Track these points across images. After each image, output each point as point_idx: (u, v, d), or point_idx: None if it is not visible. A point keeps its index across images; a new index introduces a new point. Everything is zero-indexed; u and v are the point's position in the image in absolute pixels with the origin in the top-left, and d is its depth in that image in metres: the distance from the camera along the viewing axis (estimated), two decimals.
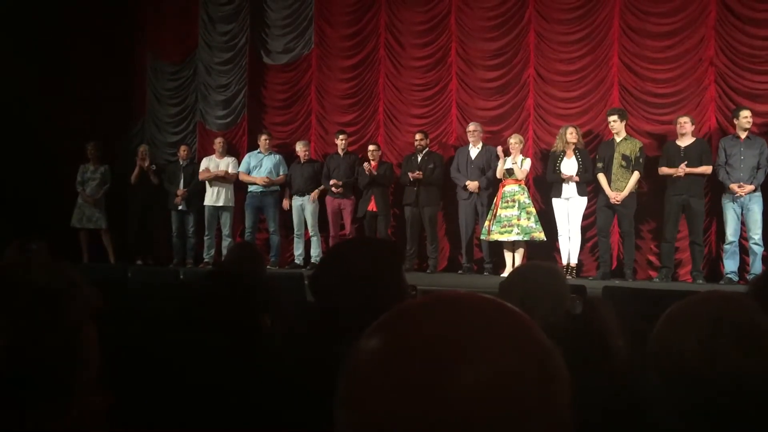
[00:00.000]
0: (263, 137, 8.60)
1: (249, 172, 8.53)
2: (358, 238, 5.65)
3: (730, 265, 6.51)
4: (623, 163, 6.90)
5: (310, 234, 8.33)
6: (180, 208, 8.74)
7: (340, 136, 8.32)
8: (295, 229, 8.40)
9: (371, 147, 8.16)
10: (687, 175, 6.64)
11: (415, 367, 0.58)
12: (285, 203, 8.51)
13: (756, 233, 6.40)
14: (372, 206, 8.04)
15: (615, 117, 6.97)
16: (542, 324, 2.24)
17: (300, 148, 8.46)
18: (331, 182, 8.11)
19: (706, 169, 6.68)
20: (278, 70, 9.27)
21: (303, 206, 8.34)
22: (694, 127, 6.81)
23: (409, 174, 7.77)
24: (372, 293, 1.57)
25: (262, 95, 9.35)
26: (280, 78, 9.27)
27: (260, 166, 8.51)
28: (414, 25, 8.60)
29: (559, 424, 0.61)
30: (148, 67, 9.80)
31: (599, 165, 7.02)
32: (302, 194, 8.33)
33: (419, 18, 8.57)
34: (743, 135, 6.57)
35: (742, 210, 6.51)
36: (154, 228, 9.06)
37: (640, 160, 6.89)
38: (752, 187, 6.44)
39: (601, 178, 6.99)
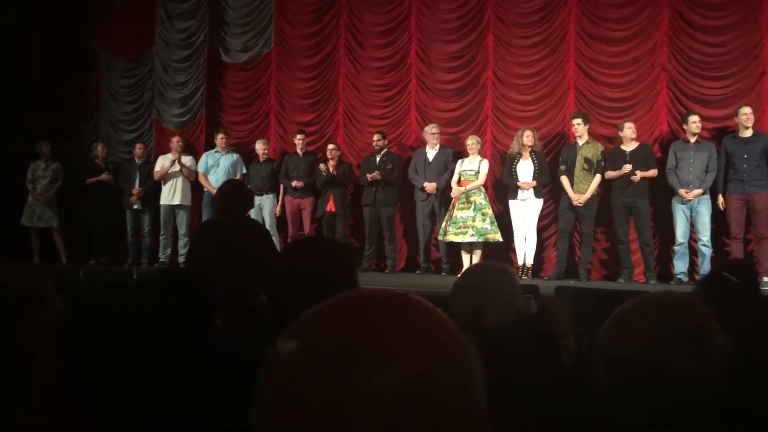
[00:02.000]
0: (220, 136, 8.51)
1: (207, 172, 8.43)
2: (313, 238, 5.61)
3: (680, 265, 6.67)
4: (585, 166, 7.01)
5: None
6: (135, 207, 8.60)
7: (299, 136, 8.29)
8: None
9: (330, 146, 8.15)
10: (632, 178, 6.79)
11: (332, 368, 0.58)
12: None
13: (704, 235, 6.58)
14: (331, 206, 8.03)
15: (579, 120, 7.08)
16: (495, 323, 2.25)
17: (259, 147, 8.41)
18: (294, 183, 8.09)
19: (654, 173, 6.84)
20: (237, 68, 9.19)
21: (261, 206, 8.27)
22: (636, 133, 6.95)
23: (367, 175, 7.79)
24: (324, 294, 1.57)
25: (220, 94, 9.26)
26: (239, 76, 9.20)
27: (218, 166, 8.42)
28: (374, 26, 8.62)
29: (476, 418, 0.62)
30: (102, 63, 9.62)
31: (562, 167, 7.12)
32: (260, 193, 8.26)
33: (380, 19, 8.59)
34: (692, 139, 6.74)
35: (691, 212, 6.68)
36: (110, 227, 8.89)
37: (602, 164, 7.01)
38: (700, 191, 6.61)
39: (564, 180, 7.09)
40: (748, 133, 6.55)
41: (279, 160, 8.56)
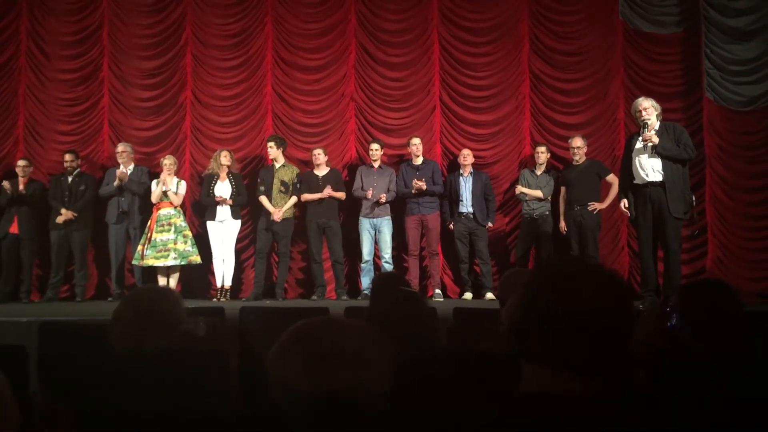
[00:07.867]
0: None
1: None
2: None
3: (366, 281, 7.16)
4: (282, 188, 7.22)
5: None
6: None
7: None
8: None
9: (21, 163, 7.41)
10: (325, 200, 7.19)
11: None
12: None
13: (387, 252, 7.17)
14: (14, 228, 7.27)
15: (272, 144, 7.29)
16: (157, 347, 2.21)
17: None
18: None
19: (342, 195, 7.29)
20: None
21: None
22: (327, 157, 7.38)
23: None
24: None
25: None
26: None
27: None
28: (61, 35, 8.01)
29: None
30: None
31: (261, 188, 7.26)
32: None
33: (67, 28, 8.01)
34: (376, 164, 7.35)
35: (375, 232, 7.24)
36: None
37: (298, 186, 7.28)
38: (383, 212, 7.21)
39: (264, 200, 7.22)
40: (420, 161, 7.33)
41: None
